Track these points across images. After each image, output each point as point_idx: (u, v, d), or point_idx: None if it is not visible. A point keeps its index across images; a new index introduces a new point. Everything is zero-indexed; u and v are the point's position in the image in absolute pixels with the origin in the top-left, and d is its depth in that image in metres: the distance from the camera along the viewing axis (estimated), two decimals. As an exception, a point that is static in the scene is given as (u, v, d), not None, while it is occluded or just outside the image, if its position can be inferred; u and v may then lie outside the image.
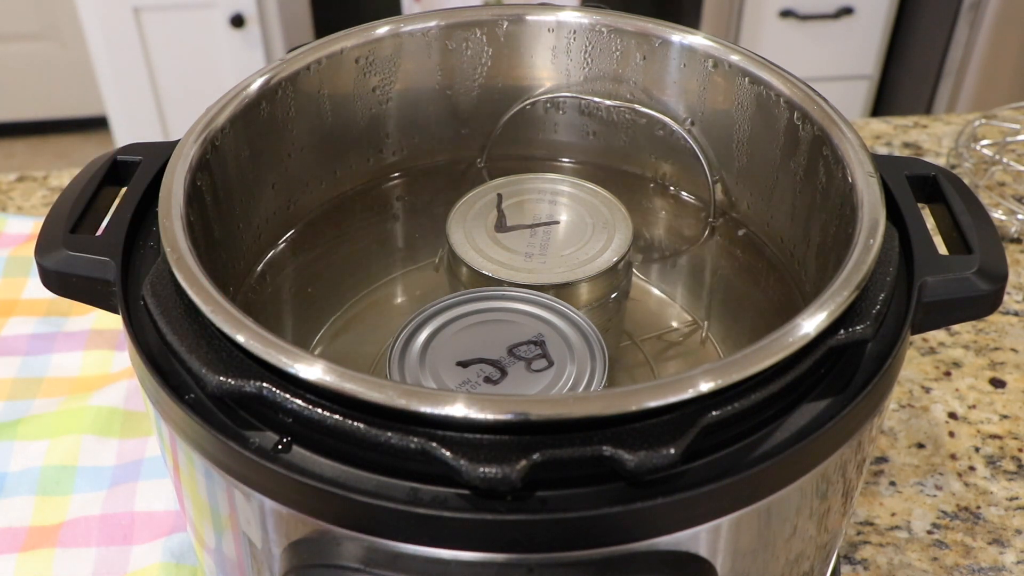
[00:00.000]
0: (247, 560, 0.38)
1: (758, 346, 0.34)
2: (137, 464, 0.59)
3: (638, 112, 0.57)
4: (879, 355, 0.38)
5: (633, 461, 0.31)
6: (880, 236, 0.39)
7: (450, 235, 0.52)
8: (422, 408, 0.32)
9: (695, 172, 0.56)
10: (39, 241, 0.41)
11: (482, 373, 0.42)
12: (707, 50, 0.52)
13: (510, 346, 0.44)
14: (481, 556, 0.32)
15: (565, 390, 0.42)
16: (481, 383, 0.42)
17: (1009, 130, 0.90)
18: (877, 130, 0.95)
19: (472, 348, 0.43)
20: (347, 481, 0.32)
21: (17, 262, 0.75)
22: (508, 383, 0.42)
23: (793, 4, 1.88)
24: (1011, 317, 0.73)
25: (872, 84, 2.00)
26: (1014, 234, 0.80)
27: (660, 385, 0.33)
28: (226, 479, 0.35)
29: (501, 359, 0.43)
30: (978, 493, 0.60)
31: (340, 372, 0.33)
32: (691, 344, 0.54)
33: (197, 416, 0.34)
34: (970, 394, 0.67)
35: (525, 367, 0.43)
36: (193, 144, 0.45)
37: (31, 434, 0.61)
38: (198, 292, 0.36)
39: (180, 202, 0.41)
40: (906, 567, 0.56)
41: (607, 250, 0.51)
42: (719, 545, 0.34)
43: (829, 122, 0.46)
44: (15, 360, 0.67)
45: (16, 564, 0.54)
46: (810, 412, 0.35)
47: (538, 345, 0.44)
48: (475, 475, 0.31)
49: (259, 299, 0.52)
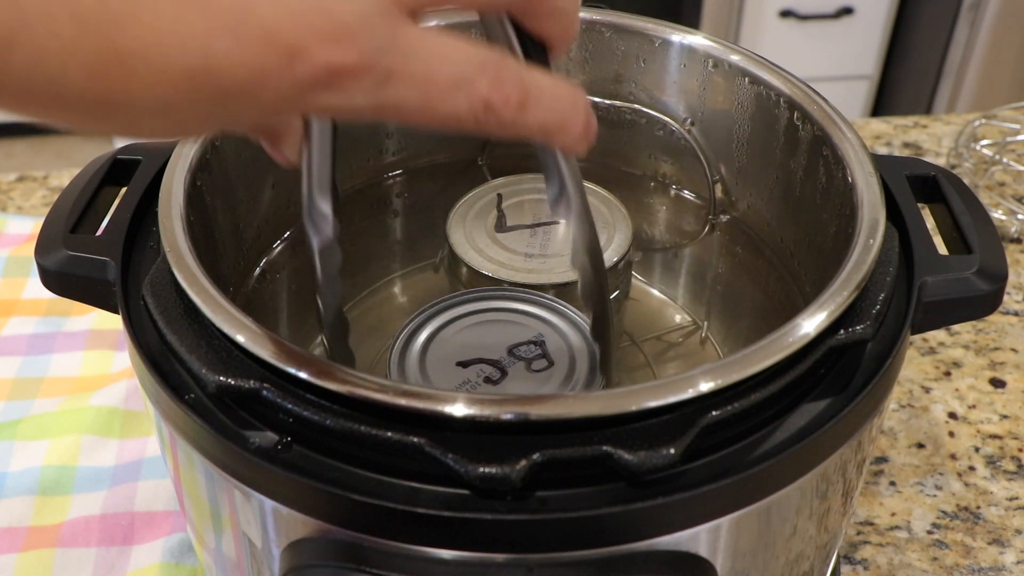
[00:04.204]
0: (247, 560, 0.38)
1: (758, 346, 0.35)
2: (137, 464, 0.59)
3: (638, 112, 0.57)
4: (879, 355, 0.38)
5: (633, 461, 0.31)
6: (880, 236, 0.39)
7: (450, 235, 0.52)
8: (422, 408, 0.32)
9: (695, 172, 0.56)
10: (39, 241, 0.41)
11: (482, 373, 0.42)
12: (707, 50, 0.52)
13: (510, 346, 0.44)
14: (481, 556, 0.32)
15: (565, 390, 0.42)
16: (481, 383, 0.42)
17: (1009, 130, 0.90)
18: (877, 130, 0.95)
19: (472, 348, 0.43)
20: (347, 481, 0.32)
21: (17, 262, 0.75)
22: (508, 383, 0.42)
23: (793, 4, 1.88)
24: (1011, 317, 0.73)
25: (872, 84, 2.00)
26: (1014, 234, 0.80)
27: (660, 385, 0.33)
28: (226, 479, 0.35)
29: (501, 359, 0.43)
30: (978, 493, 0.60)
31: (340, 372, 0.33)
32: (691, 345, 0.54)
33: (197, 416, 0.34)
34: (970, 394, 0.67)
35: (525, 367, 0.42)
36: (193, 144, 0.45)
37: (31, 434, 0.61)
38: (198, 292, 0.36)
39: (180, 202, 0.41)
40: (906, 567, 0.56)
41: (607, 250, 0.51)
42: (719, 545, 0.34)
43: (829, 122, 0.46)
44: (15, 360, 0.67)
45: (16, 564, 0.54)
46: (810, 412, 0.35)
47: (538, 345, 0.44)
48: (475, 475, 0.31)
49: (259, 299, 0.52)
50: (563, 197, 0.35)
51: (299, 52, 0.25)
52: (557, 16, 0.30)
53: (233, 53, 0.25)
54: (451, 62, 0.27)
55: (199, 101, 0.26)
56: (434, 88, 0.27)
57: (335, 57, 0.26)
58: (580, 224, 0.36)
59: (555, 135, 0.30)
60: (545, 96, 0.29)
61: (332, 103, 0.27)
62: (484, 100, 0.28)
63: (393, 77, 0.27)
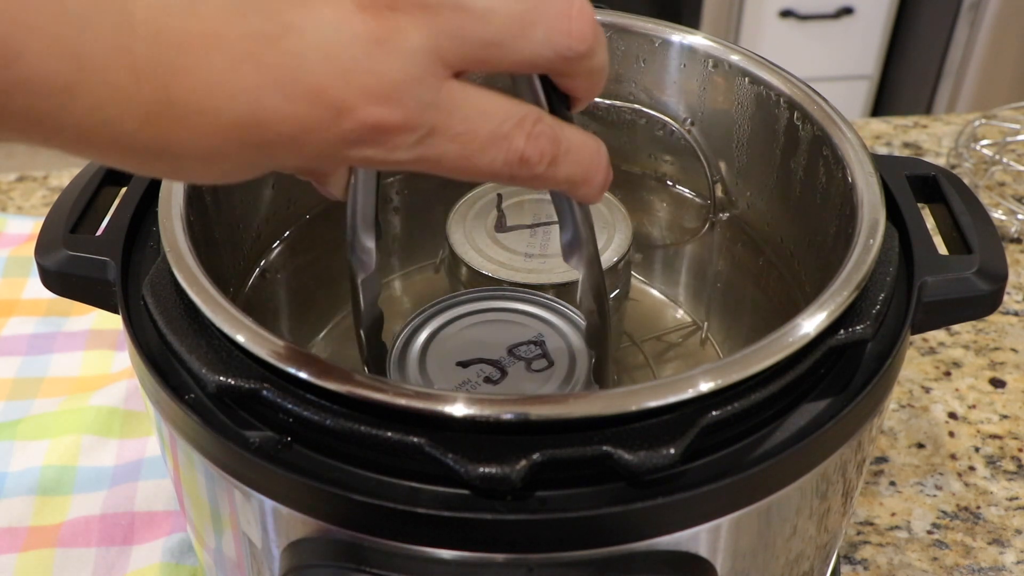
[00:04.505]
0: (247, 560, 0.38)
1: (758, 346, 0.35)
2: (137, 464, 0.59)
3: (638, 112, 0.57)
4: (879, 355, 0.38)
5: (633, 461, 0.31)
6: (880, 236, 0.39)
7: (450, 235, 0.52)
8: (422, 408, 0.32)
9: (695, 172, 0.56)
10: (39, 241, 0.41)
11: (482, 373, 0.42)
12: (707, 50, 0.52)
13: (510, 346, 0.44)
14: (481, 556, 0.32)
15: (566, 390, 0.42)
16: (481, 383, 0.42)
17: (1009, 130, 0.90)
18: (877, 130, 0.95)
19: (472, 348, 0.43)
20: (347, 481, 0.32)
21: (17, 262, 0.75)
22: (508, 383, 0.42)
23: (793, 4, 1.87)
24: (1011, 317, 0.73)
25: (872, 84, 2.00)
26: (1014, 234, 0.80)
27: (660, 385, 0.33)
28: (226, 479, 0.35)
29: (501, 359, 0.43)
30: (978, 493, 0.60)
31: (340, 372, 0.33)
32: (691, 345, 0.54)
33: (197, 416, 0.34)
34: (970, 394, 0.67)
35: (525, 367, 0.43)
36: (193, 144, 0.44)
37: (31, 434, 0.61)
38: (198, 292, 0.36)
39: (180, 202, 0.41)
40: (906, 567, 0.56)
41: (607, 250, 0.51)
42: (719, 545, 0.34)
43: (829, 122, 0.46)
44: (15, 360, 0.67)
45: (16, 564, 0.54)
46: (810, 412, 0.35)
47: (538, 345, 0.44)
48: (475, 475, 0.31)
49: (259, 299, 0.52)
50: (576, 243, 0.36)
51: (346, 110, 0.26)
52: (590, 76, 0.31)
53: (282, 108, 0.26)
54: (490, 118, 0.28)
55: (246, 150, 0.27)
56: (475, 143, 0.28)
57: (381, 116, 0.26)
58: (590, 270, 0.37)
59: (579, 187, 0.31)
60: (573, 151, 0.30)
61: (374, 156, 0.27)
62: (520, 155, 0.29)
63: (435, 134, 0.27)
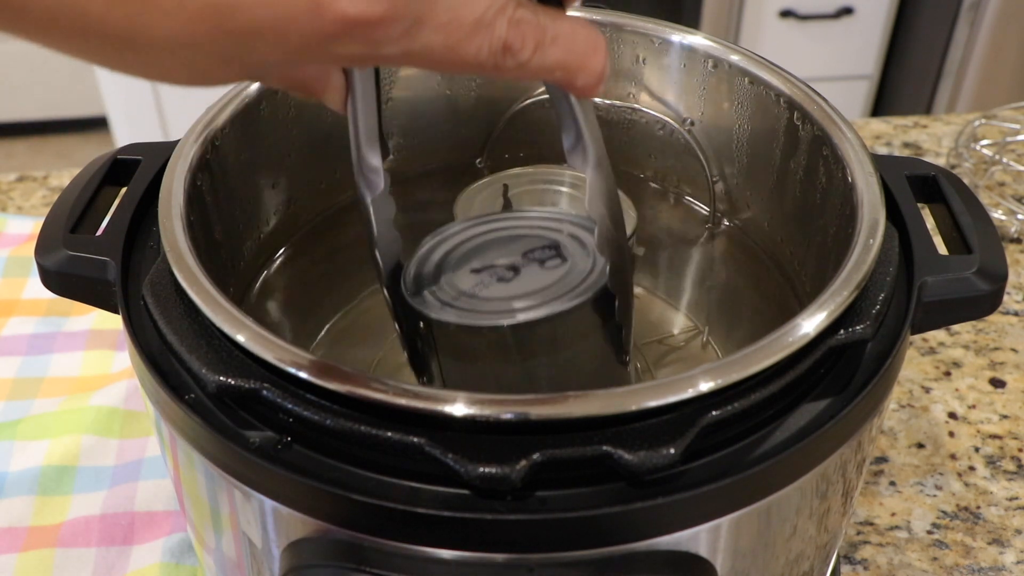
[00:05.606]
0: (247, 560, 0.38)
1: (758, 346, 0.34)
2: (137, 464, 0.59)
3: (638, 112, 0.57)
4: (879, 355, 0.38)
5: (633, 461, 0.31)
6: (880, 236, 0.39)
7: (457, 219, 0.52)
8: (422, 408, 0.32)
9: (695, 172, 0.56)
10: (39, 241, 0.41)
11: (495, 274, 0.41)
12: (707, 50, 0.52)
13: (525, 251, 0.42)
14: (481, 556, 0.32)
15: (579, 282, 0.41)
16: (494, 282, 0.41)
17: (1009, 130, 0.90)
18: (877, 130, 0.95)
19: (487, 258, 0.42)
20: (347, 481, 0.32)
21: (17, 262, 0.75)
22: (521, 281, 0.41)
23: (793, 4, 1.87)
24: (1011, 317, 0.73)
25: (872, 84, 2.00)
26: (1014, 234, 0.80)
27: (660, 385, 0.33)
28: (226, 479, 0.35)
29: (515, 262, 0.42)
30: (978, 493, 0.60)
31: (340, 371, 0.33)
32: (692, 349, 0.54)
33: (197, 416, 0.34)
34: (970, 394, 0.67)
35: (539, 266, 0.41)
36: (193, 144, 0.45)
37: (31, 434, 0.61)
38: (198, 292, 0.36)
39: (180, 202, 0.41)
40: (906, 567, 0.56)
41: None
42: (719, 545, 0.34)
43: (829, 122, 0.46)
44: (15, 360, 0.67)
45: (16, 564, 0.54)
46: (810, 412, 0.35)
47: (552, 248, 0.42)
48: (475, 475, 0.31)
49: (259, 299, 0.52)
50: (579, 145, 0.34)
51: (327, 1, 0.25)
52: None
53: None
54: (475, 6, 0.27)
55: (221, 39, 0.25)
56: (460, 32, 0.27)
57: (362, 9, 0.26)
58: (597, 172, 0.36)
59: (574, 75, 0.30)
60: (562, 37, 0.29)
61: (360, 52, 0.27)
62: (503, 42, 0.28)
63: (420, 24, 0.27)
